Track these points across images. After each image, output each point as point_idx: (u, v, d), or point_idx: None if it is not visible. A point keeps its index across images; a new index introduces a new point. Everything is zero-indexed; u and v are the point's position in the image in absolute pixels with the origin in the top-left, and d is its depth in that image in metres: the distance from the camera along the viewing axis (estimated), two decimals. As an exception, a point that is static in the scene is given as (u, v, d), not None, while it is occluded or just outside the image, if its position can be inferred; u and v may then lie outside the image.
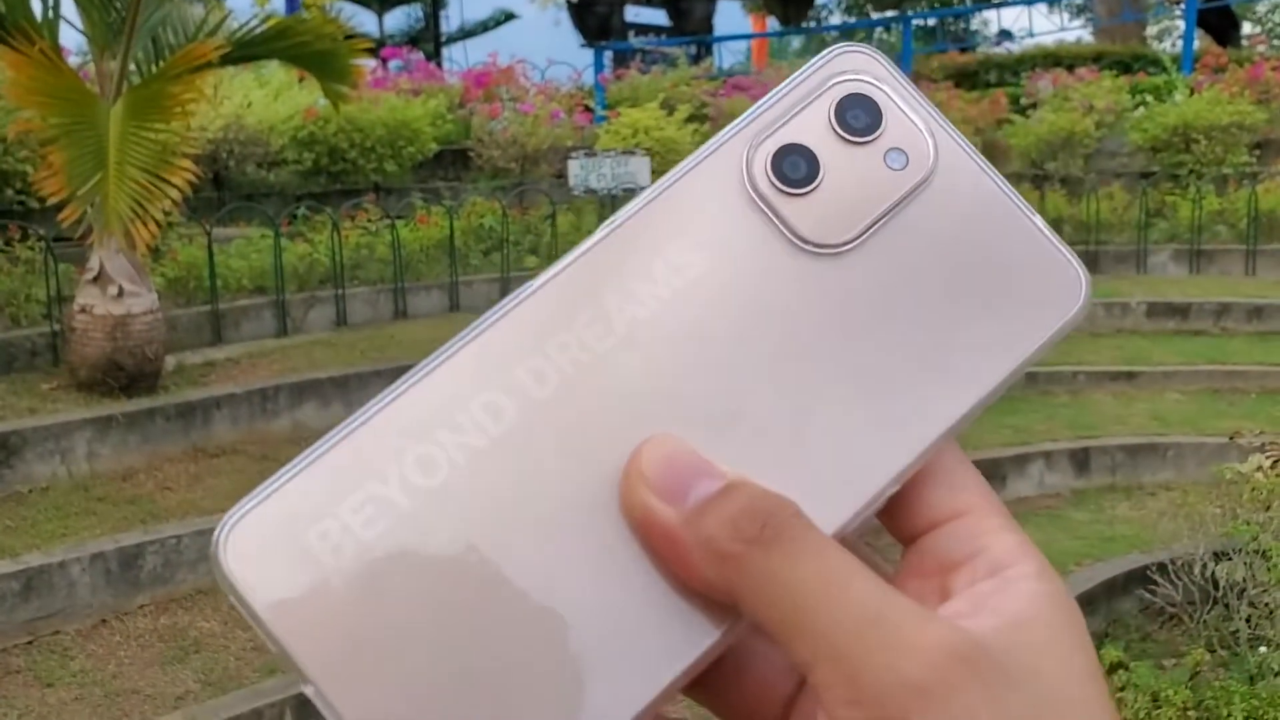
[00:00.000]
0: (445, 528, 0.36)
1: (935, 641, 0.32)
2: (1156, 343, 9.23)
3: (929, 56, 19.26)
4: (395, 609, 0.35)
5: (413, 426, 0.37)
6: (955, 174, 0.41)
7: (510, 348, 0.38)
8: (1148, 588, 5.32)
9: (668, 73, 15.22)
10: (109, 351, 6.03)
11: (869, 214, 0.40)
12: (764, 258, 0.40)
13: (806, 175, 0.40)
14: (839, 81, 0.41)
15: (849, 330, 0.39)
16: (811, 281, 0.40)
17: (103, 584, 4.79)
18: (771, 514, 0.34)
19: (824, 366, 0.39)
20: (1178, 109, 12.57)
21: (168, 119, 6.09)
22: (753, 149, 0.41)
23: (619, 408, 0.37)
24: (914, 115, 0.41)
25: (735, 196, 0.40)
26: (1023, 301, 0.41)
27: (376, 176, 10.35)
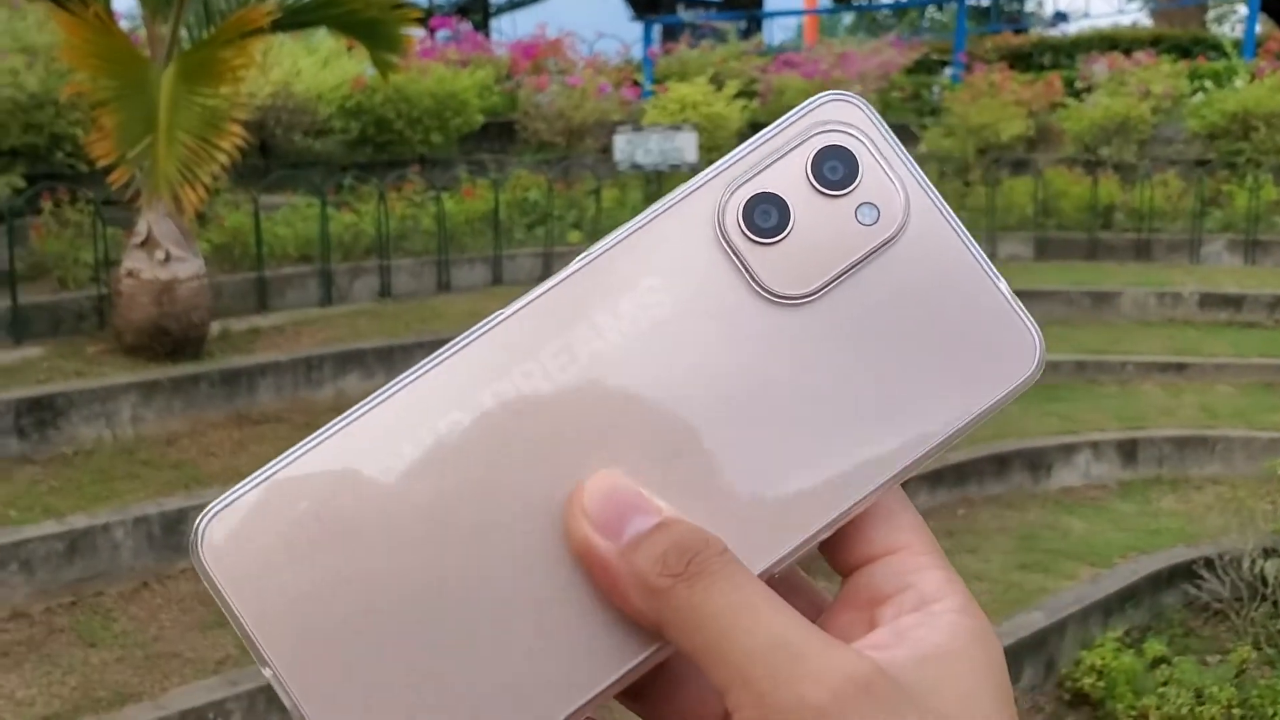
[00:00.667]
0: (403, 535, 0.39)
1: (837, 668, 0.35)
2: (1208, 334, 9.08)
3: (982, 37, 19.00)
4: (350, 606, 0.39)
5: (380, 438, 0.40)
6: (924, 232, 0.42)
7: (478, 370, 0.40)
8: (1193, 582, 5.25)
9: (717, 48, 15.10)
10: (155, 316, 6.06)
11: (833, 267, 0.41)
12: (727, 303, 0.41)
13: (776, 225, 0.41)
14: (820, 132, 0.42)
15: (802, 379, 0.41)
16: (770, 329, 0.41)
17: (145, 547, 4.82)
18: (697, 551, 0.37)
19: (774, 413, 0.41)
20: (1238, 95, 12.33)
21: (218, 84, 6.10)
22: (728, 194, 0.42)
23: (573, 436, 0.40)
24: (891, 171, 0.42)
25: (706, 240, 0.41)
26: (975, 363, 0.42)
27: (423, 148, 10.35)
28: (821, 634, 0.36)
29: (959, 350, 0.41)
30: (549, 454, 0.40)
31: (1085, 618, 4.95)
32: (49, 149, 7.79)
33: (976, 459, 6.37)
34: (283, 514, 0.40)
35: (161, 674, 4.10)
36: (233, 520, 0.41)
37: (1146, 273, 10.24)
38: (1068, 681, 4.72)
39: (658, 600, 0.37)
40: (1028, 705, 4.70)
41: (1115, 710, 4.53)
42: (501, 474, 0.40)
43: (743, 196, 0.41)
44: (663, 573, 0.37)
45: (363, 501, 0.40)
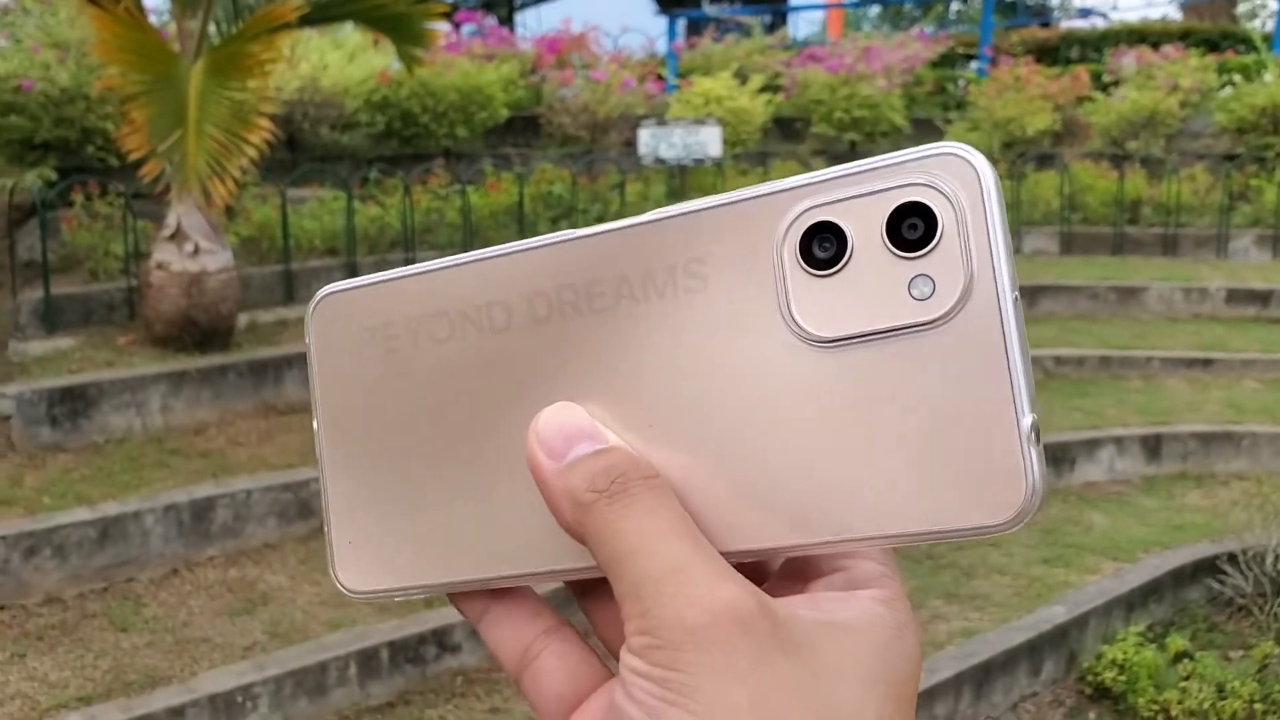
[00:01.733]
0: (440, 377, 0.46)
1: (720, 597, 0.37)
2: (1235, 329, 9.03)
3: (1009, 30, 18.92)
4: (385, 410, 0.47)
5: (451, 293, 0.46)
6: (972, 330, 0.39)
7: (533, 274, 0.44)
8: (1217, 577, 5.24)
9: (741, 42, 15.10)
10: (184, 308, 6.13)
11: (865, 325, 0.40)
12: (753, 313, 0.41)
13: (829, 260, 0.40)
14: (920, 184, 0.39)
15: (788, 410, 0.41)
16: (782, 355, 0.41)
17: (175, 534, 4.89)
18: (624, 473, 0.40)
19: (750, 428, 0.41)
20: (1267, 89, 12.24)
21: (246, 79, 6.16)
22: (801, 210, 0.41)
23: (574, 364, 0.44)
24: (969, 252, 0.39)
25: (763, 245, 0.41)
26: (952, 486, 0.39)
27: (448, 141, 10.40)
28: (720, 567, 0.38)
29: (944, 465, 0.39)
30: (552, 371, 0.44)
31: (1107, 612, 4.95)
32: (80, 143, 7.88)
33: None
34: (372, 314, 0.48)
35: (191, 658, 4.17)
36: (341, 302, 0.48)
37: (1173, 268, 10.19)
38: (1089, 675, 4.73)
39: (580, 514, 0.40)
40: (1049, 698, 4.70)
41: (1136, 705, 4.53)
42: (515, 372, 0.45)
43: (811, 219, 0.40)
44: (589, 489, 0.40)
45: (424, 336, 0.46)
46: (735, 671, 0.36)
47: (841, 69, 12.45)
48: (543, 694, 0.45)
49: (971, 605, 4.96)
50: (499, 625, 0.47)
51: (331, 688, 4.16)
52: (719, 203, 0.42)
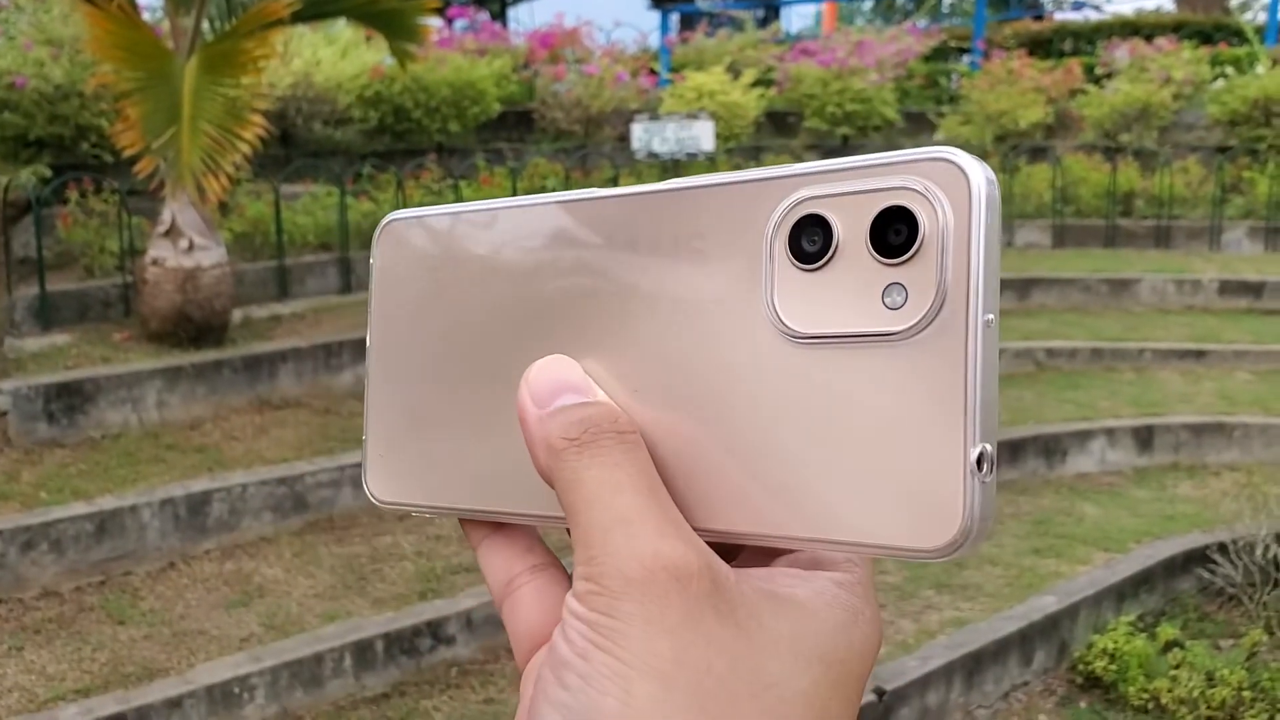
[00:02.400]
0: (466, 318, 0.49)
1: (663, 552, 0.38)
2: (1228, 321, 9.07)
3: (1002, 23, 18.93)
4: (426, 333, 0.51)
5: (487, 231, 0.49)
6: (936, 349, 0.37)
7: (555, 225, 0.47)
8: (1207, 567, 5.27)
9: (734, 36, 15.11)
10: (179, 304, 6.15)
11: (834, 326, 0.39)
12: (738, 296, 0.41)
13: (814, 255, 0.40)
14: (909, 189, 0.38)
15: (754, 396, 0.41)
16: (757, 341, 0.41)
17: (171, 528, 4.91)
18: (597, 424, 0.42)
19: (715, 407, 0.42)
20: (1259, 81, 12.27)
21: (240, 75, 6.17)
22: (797, 201, 0.40)
23: (573, 317, 0.46)
24: (947, 266, 0.37)
25: (757, 230, 0.41)
26: (892, 505, 0.38)
27: (440, 136, 10.41)
28: (670, 524, 0.39)
29: (886, 481, 0.38)
30: (559, 322, 0.46)
31: (1098, 602, 4.98)
32: (74, 140, 7.90)
33: (991, 444, 6.38)
34: (426, 243, 0.51)
35: (188, 650, 4.19)
36: (403, 228, 0.52)
37: (1166, 260, 10.22)
38: (1080, 665, 4.76)
39: (551, 459, 0.42)
40: (1040, 688, 4.74)
41: (1127, 693, 4.56)
42: (529, 319, 0.47)
43: (803, 211, 0.40)
44: (562, 436, 0.42)
45: (461, 272, 0.49)
46: (665, 624, 0.38)
47: (834, 63, 12.47)
48: (517, 624, 0.48)
49: (963, 595, 4.99)
50: (492, 554, 0.50)
51: (327, 679, 4.19)
52: (726, 180, 0.42)
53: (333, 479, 5.35)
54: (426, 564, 4.95)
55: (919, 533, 0.38)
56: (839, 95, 12.26)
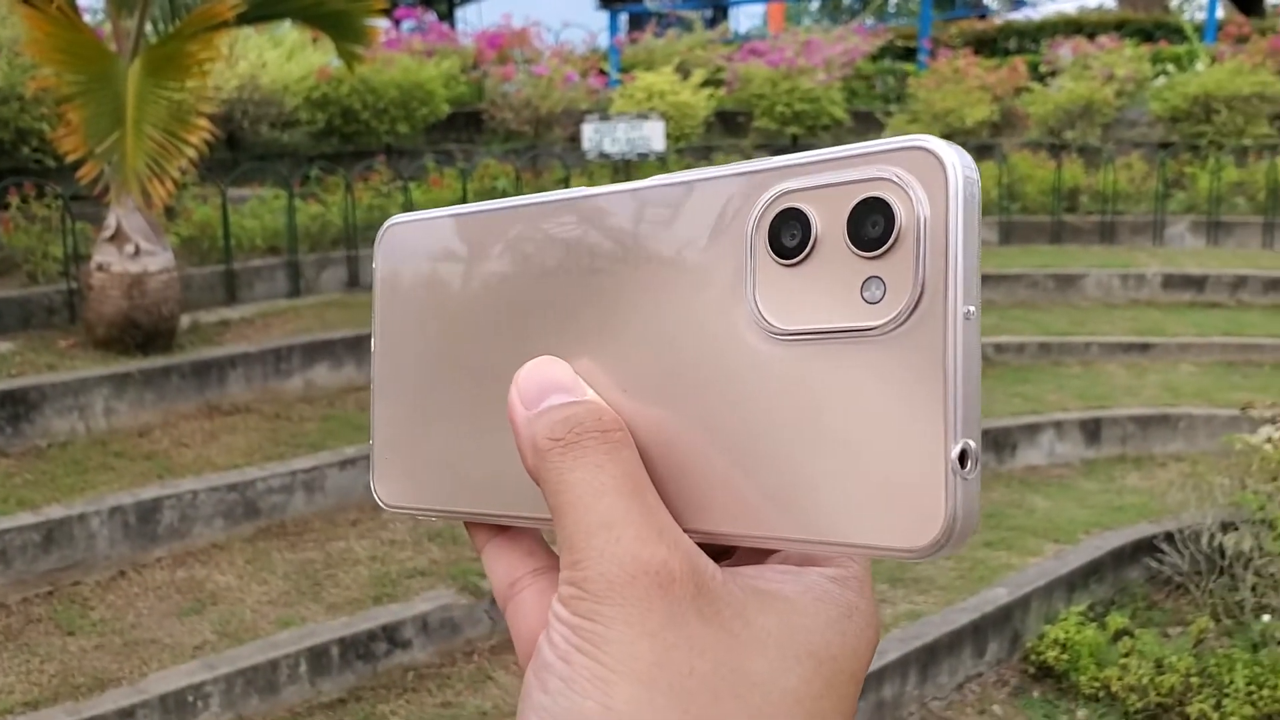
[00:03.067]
0: (464, 321, 0.49)
1: (644, 557, 0.38)
2: (1171, 314, 9.21)
3: (947, 23, 19.11)
4: (428, 336, 0.51)
5: (482, 239, 0.49)
6: (916, 344, 0.37)
7: (545, 226, 0.47)
8: (1155, 556, 5.35)
9: (683, 36, 15.14)
10: (126, 309, 6.07)
11: (812, 322, 0.39)
12: (725, 293, 0.41)
13: (793, 250, 0.39)
14: (886, 180, 0.37)
15: (733, 394, 0.40)
16: (738, 337, 0.40)
17: (121, 537, 4.85)
18: (582, 424, 0.41)
19: (695, 405, 0.41)
20: (1199, 79, 12.48)
21: (185, 78, 6.10)
22: (776, 195, 0.40)
23: (561, 314, 0.46)
24: (925, 259, 0.37)
25: (740, 224, 0.41)
26: (875, 505, 0.38)
27: (389, 138, 10.36)
28: (654, 528, 0.39)
29: (868, 480, 0.38)
30: (549, 323, 0.46)
31: (1049, 593, 5.04)
32: (15, 144, 7.77)
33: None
34: (427, 246, 0.51)
35: (140, 659, 4.14)
36: (403, 232, 0.52)
37: (1110, 255, 10.37)
38: (1032, 655, 4.82)
39: (537, 460, 0.42)
40: (993, 679, 4.79)
41: (1079, 682, 4.62)
42: (522, 320, 0.47)
43: (782, 205, 0.39)
44: (548, 436, 0.41)
45: (460, 273, 0.50)
46: (646, 627, 0.38)
47: (782, 63, 12.54)
48: (519, 626, 0.47)
49: (916, 588, 5.03)
50: (496, 557, 0.49)
51: (282, 685, 4.15)
52: (709, 176, 0.42)
53: (284, 484, 5.30)
54: (381, 568, 4.92)
55: (902, 532, 0.37)
56: (788, 95, 12.33)
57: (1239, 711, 4.24)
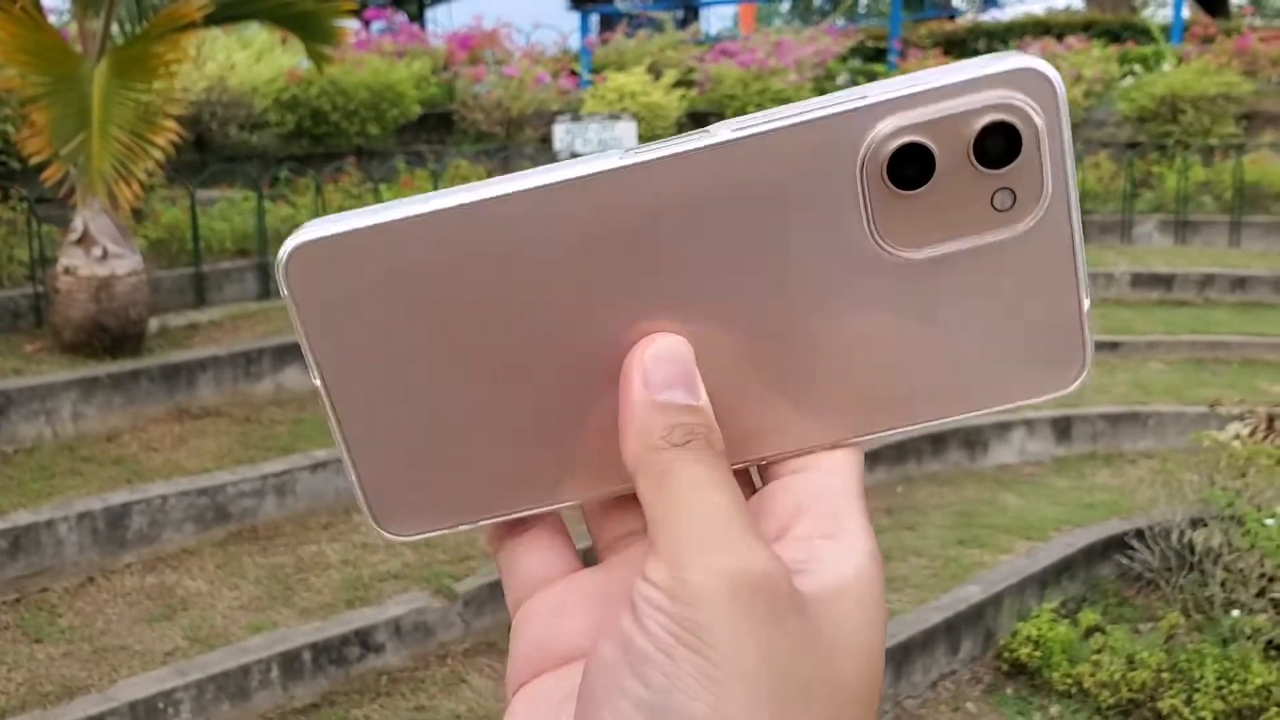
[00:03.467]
0: (467, 323, 0.43)
1: (741, 567, 0.39)
2: (1140, 313, 9.28)
3: (917, 23, 19.20)
4: (408, 349, 0.44)
5: (496, 223, 0.42)
6: (1046, 232, 0.42)
7: (602, 194, 0.42)
8: (1126, 553, 5.39)
9: (654, 37, 15.15)
10: (93, 313, 6.02)
11: (950, 241, 0.42)
12: (837, 229, 0.42)
13: (916, 179, 0.41)
14: (1001, 104, 0.40)
15: (872, 323, 0.43)
16: (865, 271, 0.42)
17: (89, 543, 4.80)
18: (700, 435, 0.42)
19: (831, 341, 0.43)
20: (1165, 79, 12.58)
21: (152, 79, 6.05)
22: (886, 130, 0.41)
23: (653, 285, 0.43)
24: (1046, 166, 0.41)
25: (847, 162, 0.41)
26: (1026, 364, 0.44)
27: (359, 139, 10.31)
28: (751, 535, 0.40)
29: (1021, 348, 0.44)
30: (631, 292, 0.43)
31: (1022, 590, 5.07)
32: (-22, 146, 7.68)
33: (914, 438, 6.49)
34: (372, 261, 0.43)
35: (109, 666, 4.10)
36: (321, 254, 0.43)
37: (1078, 254, 10.41)
38: (1005, 652, 4.84)
39: (647, 453, 0.41)
40: (967, 676, 4.81)
41: (1051, 679, 4.65)
42: (580, 293, 0.43)
43: (899, 140, 0.41)
44: (663, 437, 0.41)
45: (446, 278, 0.43)
46: (751, 627, 0.38)
47: (754, 64, 12.56)
48: (540, 631, 0.47)
49: (890, 587, 5.04)
50: (517, 559, 0.48)
51: (254, 691, 4.12)
52: (795, 119, 0.41)
53: (255, 488, 5.26)
54: (353, 572, 4.89)
55: (1057, 378, 0.44)
56: (759, 95, 12.35)
57: (1209, 706, 4.27)
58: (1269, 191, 11.22)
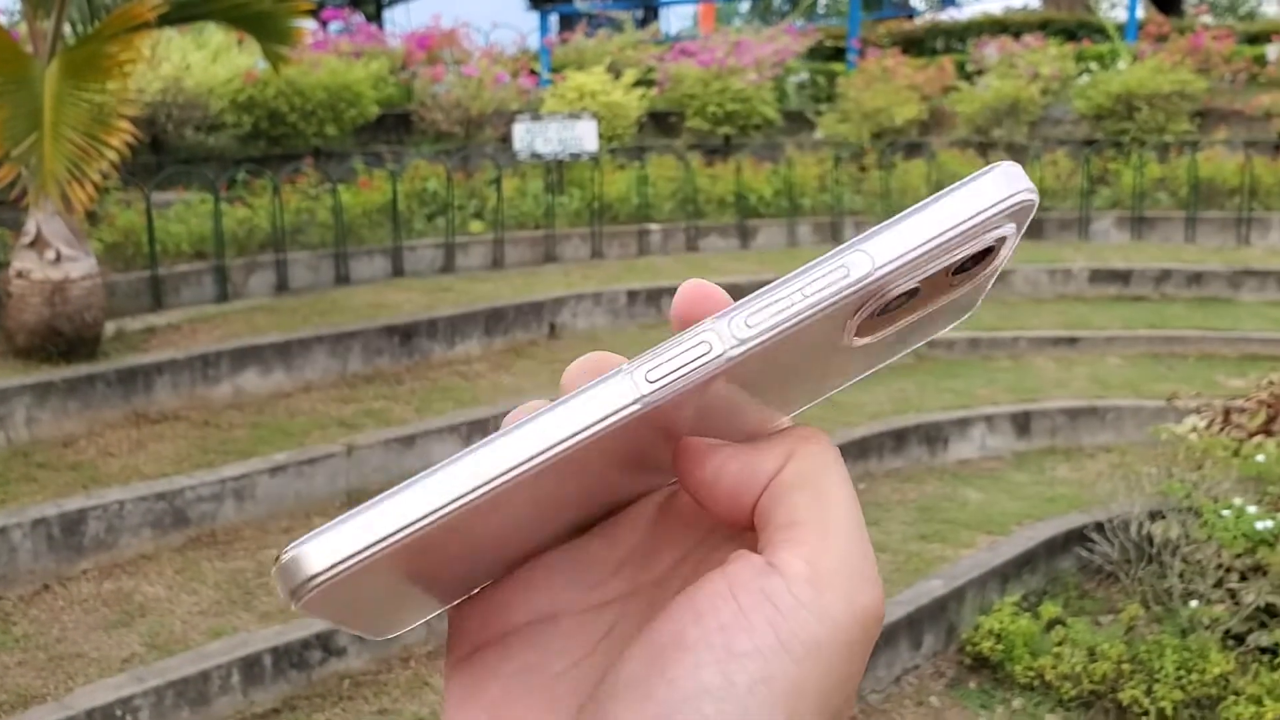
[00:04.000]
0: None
1: (875, 599, 0.39)
2: (1098, 308, 9.37)
3: (876, 23, 19.29)
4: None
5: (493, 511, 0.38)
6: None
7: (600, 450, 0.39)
8: (1086, 546, 5.43)
9: (614, 37, 15.14)
10: (47, 317, 5.94)
11: (902, 321, 0.42)
12: (826, 344, 0.41)
13: (895, 304, 0.40)
14: (997, 238, 0.39)
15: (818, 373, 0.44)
16: (832, 354, 0.42)
17: (45, 549, 4.73)
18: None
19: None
20: (1121, 77, 12.71)
21: (105, 80, 5.98)
22: (889, 295, 0.39)
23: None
24: (1004, 251, 0.41)
25: (846, 315, 0.39)
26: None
27: (317, 140, 10.24)
28: (875, 568, 0.40)
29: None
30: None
31: (984, 584, 5.10)
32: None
33: (876, 434, 6.51)
34: (387, 570, 0.38)
35: (66, 674, 4.04)
36: (332, 589, 0.37)
37: (1038, 250, 10.52)
38: (968, 646, 4.86)
39: (800, 443, 0.41)
40: (930, 670, 4.83)
41: (1014, 672, 4.68)
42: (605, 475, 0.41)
43: (893, 294, 0.40)
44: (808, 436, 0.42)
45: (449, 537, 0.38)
46: (850, 662, 0.38)
47: (713, 63, 12.58)
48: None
49: (853, 583, 5.05)
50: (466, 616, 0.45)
51: (214, 697, 4.07)
52: (805, 309, 0.38)
53: (214, 493, 5.21)
54: (314, 575, 4.84)
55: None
56: (719, 95, 12.36)
57: (1169, 696, 4.31)
58: (1223, 187, 11.36)
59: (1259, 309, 9.45)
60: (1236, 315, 9.22)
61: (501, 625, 0.43)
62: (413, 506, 0.37)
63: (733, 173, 10.87)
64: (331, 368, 6.79)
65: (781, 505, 0.39)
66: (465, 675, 0.43)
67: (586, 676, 0.41)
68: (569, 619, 0.43)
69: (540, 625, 0.43)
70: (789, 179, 10.93)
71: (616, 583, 0.43)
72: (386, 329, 7.07)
